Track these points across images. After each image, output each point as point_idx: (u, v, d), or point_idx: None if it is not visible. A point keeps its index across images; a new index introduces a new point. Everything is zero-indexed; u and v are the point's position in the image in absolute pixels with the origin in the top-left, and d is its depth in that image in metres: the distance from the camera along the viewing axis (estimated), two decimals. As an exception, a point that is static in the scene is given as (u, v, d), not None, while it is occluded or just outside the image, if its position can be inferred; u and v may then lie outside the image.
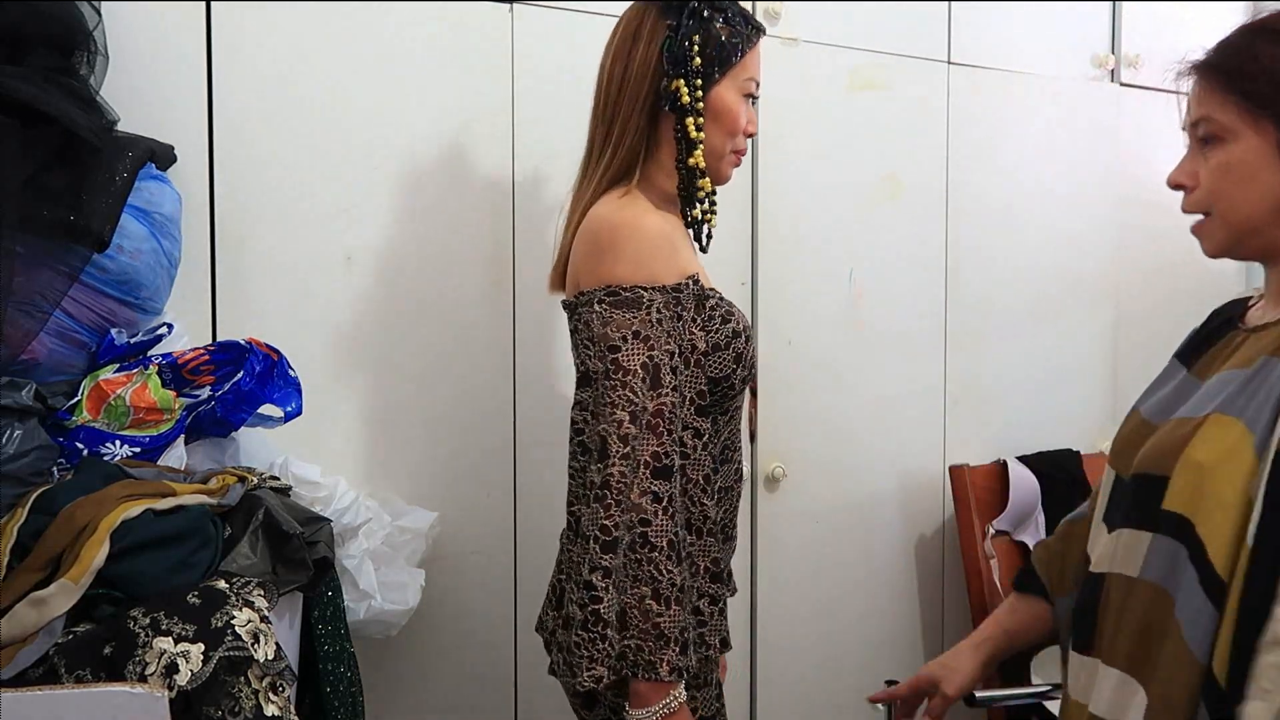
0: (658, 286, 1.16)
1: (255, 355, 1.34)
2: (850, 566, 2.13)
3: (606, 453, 1.12)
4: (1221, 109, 0.96)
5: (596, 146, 1.28)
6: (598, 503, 1.12)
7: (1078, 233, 2.35)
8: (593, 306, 1.17)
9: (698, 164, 1.24)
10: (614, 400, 1.13)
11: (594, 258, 1.19)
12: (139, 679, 0.97)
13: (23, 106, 1.18)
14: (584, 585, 1.12)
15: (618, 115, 1.24)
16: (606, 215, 1.20)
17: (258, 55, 1.55)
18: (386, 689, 1.68)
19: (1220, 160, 0.97)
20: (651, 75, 1.22)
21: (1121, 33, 2.40)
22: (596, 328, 1.16)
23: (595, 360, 1.16)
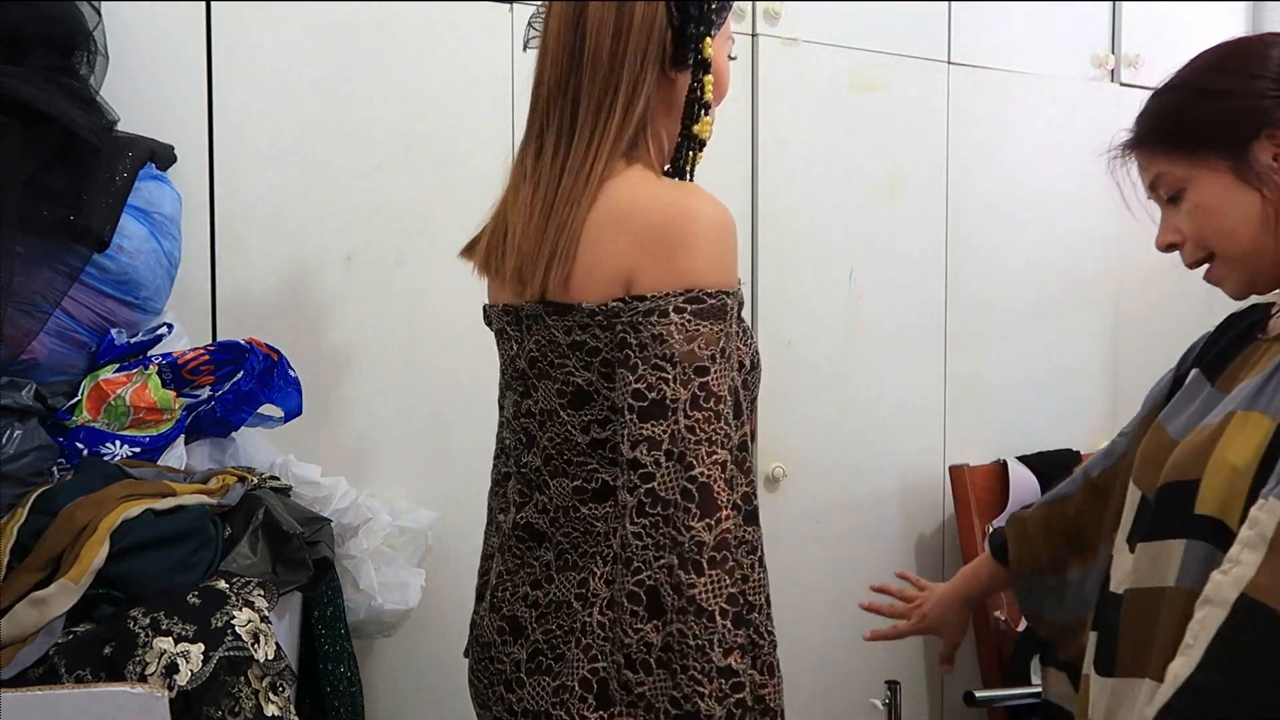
0: (734, 291, 0.95)
1: (255, 355, 1.34)
2: (850, 566, 2.12)
3: (714, 504, 0.90)
4: (1170, 165, 1.02)
5: (590, 110, 0.99)
6: (715, 568, 0.89)
7: (1078, 233, 2.35)
8: (668, 316, 0.91)
9: (702, 133, 1.04)
10: (711, 436, 0.90)
11: (663, 252, 0.93)
12: (139, 679, 0.97)
13: (23, 106, 1.18)
14: (718, 673, 0.88)
15: (623, 66, 0.98)
16: (670, 200, 0.95)
17: (258, 55, 1.55)
18: (386, 689, 1.68)
19: (1190, 205, 1.02)
20: (659, 25, 0.99)
21: (1121, 33, 2.40)
22: (678, 344, 0.91)
23: (677, 385, 0.91)
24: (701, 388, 0.91)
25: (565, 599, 1.00)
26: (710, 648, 0.89)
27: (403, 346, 1.67)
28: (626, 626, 0.93)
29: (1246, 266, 1.02)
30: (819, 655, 2.09)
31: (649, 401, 0.92)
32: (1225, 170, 0.98)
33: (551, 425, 1.02)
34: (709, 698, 0.89)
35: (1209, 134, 0.99)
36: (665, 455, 0.91)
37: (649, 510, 0.92)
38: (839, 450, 2.09)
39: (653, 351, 0.92)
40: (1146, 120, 1.05)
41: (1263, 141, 0.96)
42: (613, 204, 0.96)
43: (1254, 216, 0.98)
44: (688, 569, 0.89)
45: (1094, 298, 2.40)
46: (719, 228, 0.95)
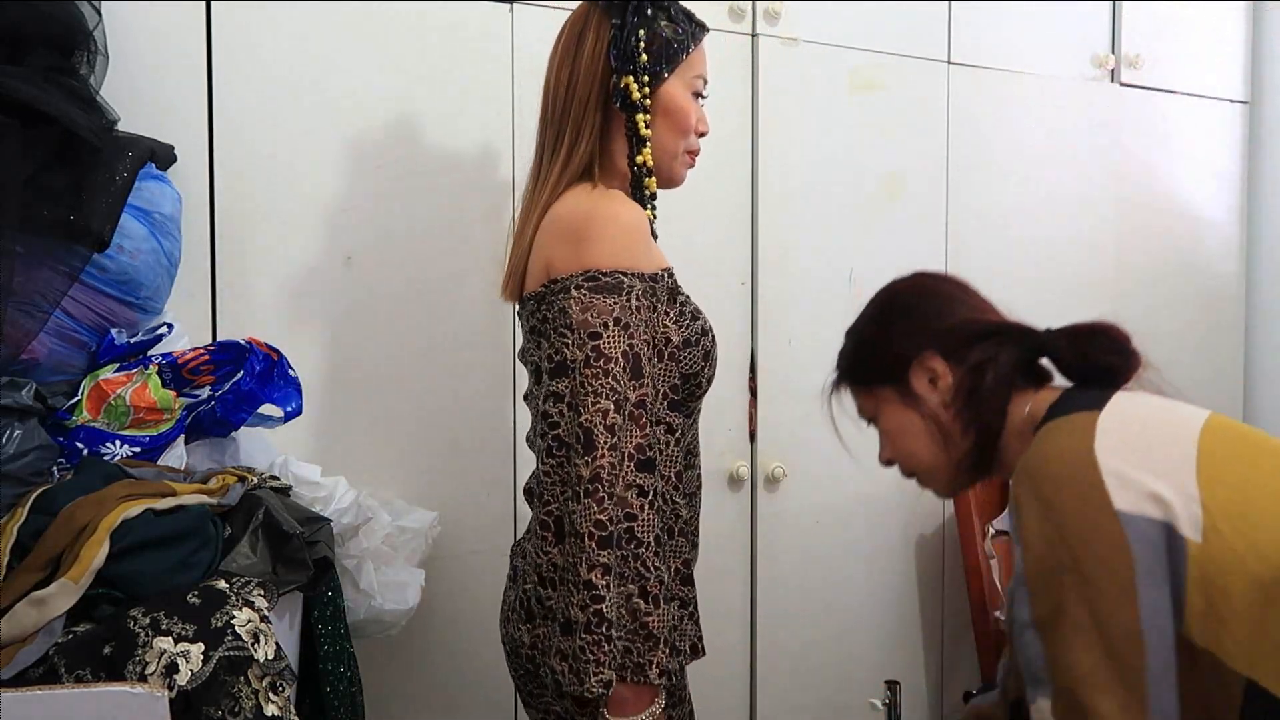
0: (637, 273, 1.14)
1: (255, 355, 1.34)
2: (850, 566, 2.13)
3: (593, 444, 1.08)
4: (861, 400, 1.21)
5: (548, 150, 1.24)
6: (589, 497, 1.07)
7: (1078, 233, 2.35)
8: (570, 292, 1.12)
9: (645, 161, 1.22)
10: (597, 389, 1.09)
11: (570, 244, 1.15)
12: (139, 679, 0.97)
13: (23, 106, 1.18)
14: (583, 585, 1.06)
15: (568, 117, 1.22)
16: (581, 205, 1.17)
17: (258, 55, 1.55)
18: (386, 689, 1.68)
19: (883, 431, 1.20)
20: (600, 74, 1.21)
21: (1121, 33, 2.40)
22: (576, 314, 1.11)
23: (574, 349, 1.11)
24: (594, 350, 1.10)
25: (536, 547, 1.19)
26: (579, 564, 1.07)
27: (402, 346, 1.67)
28: (539, 550, 1.16)
29: (935, 476, 1.18)
30: (819, 655, 2.09)
31: (554, 364, 1.14)
32: (894, 399, 1.15)
33: (531, 401, 1.25)
34: (575, 606, 1.07)
35: (877, 372, 1.17)
36: (567, 407, 1.12)
37: (555, 452, 1.14)
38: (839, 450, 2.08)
39: (560, 322, 1.14)
40: (840, 360, 1.23)
41: (916, 369, 1.13)
42: (548, 217, 1.20)
43: (922, 433, 1.14)
44: (572, 499, 1.09)
45: (1093, 298, 2.40)
46: (619, 222, 1.15)
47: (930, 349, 1.13)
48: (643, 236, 1.16)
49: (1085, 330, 1.10)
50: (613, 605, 1.07)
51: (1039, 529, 0.96)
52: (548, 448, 1.15)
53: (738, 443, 1.98)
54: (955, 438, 1.12)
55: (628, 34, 1.19)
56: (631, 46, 1.19)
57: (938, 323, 1.14)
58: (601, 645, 1.06)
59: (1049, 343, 1.12)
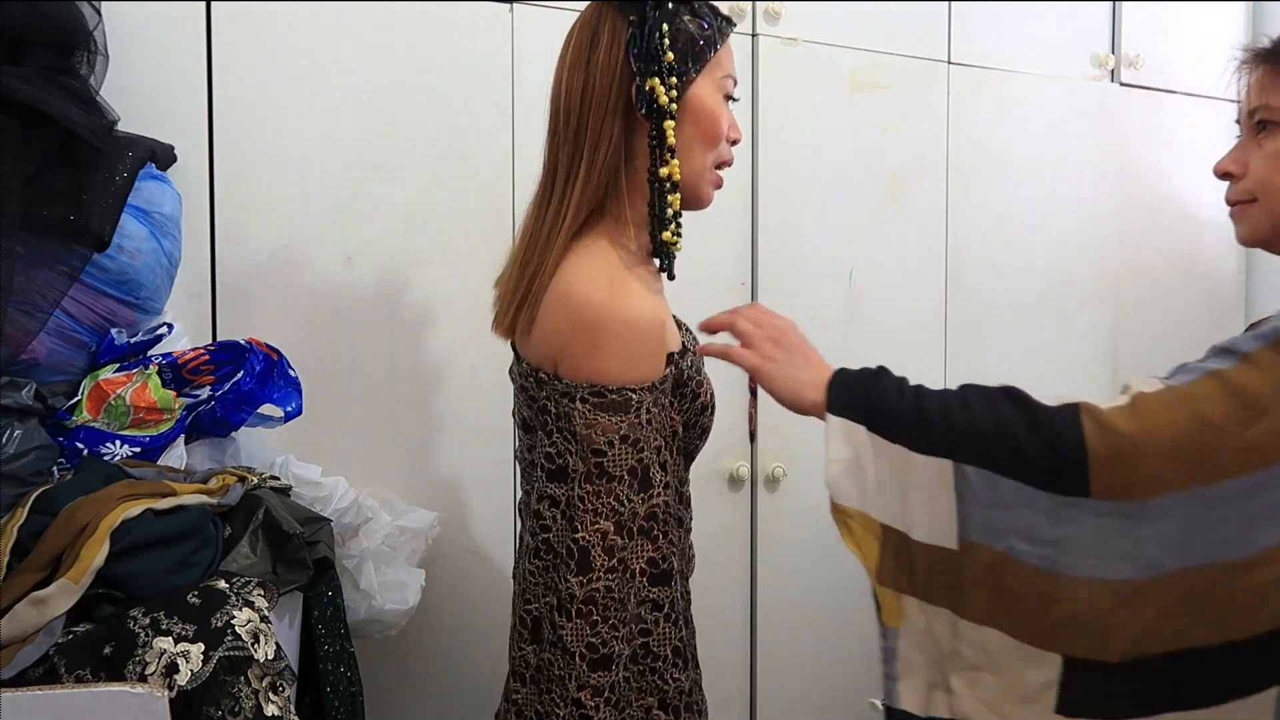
0: (647, 386, 1.05)
1: (255, 355, 1.34)
2: (850, 566, 2.11)
3: (589, 564, 1.02)
4: (1274, 95, 0.95)
5: (564, 168, 1.09)
6: (581, 618, 1.02)
7: (1078, 232, 2.35)
8: (574, 403, 1.04)
9: (671, 174, 1.07)
10: (597, 508, 1.02)
11: (580, 346, 1.04)
12: (139, 679, 0.97)
13: (23, 106, 1.18)
14: (571, 702, 1.03)
15: (585, 129, 1.07)
16: (594, 300, 1.03)
17: (258, 55, 1.55)
18: (386, 689, 1.68)
19: (1275, 148, 0.96)
20: (618, 79, 1.06)
21: (1121, 33, 2.40)
22: (579, 428, 1.04)
23: (576, 459, 1.04)
24: (596, 466, 1.03)
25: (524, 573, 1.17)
26: (568, 680, 1.03)
27: (403, 346, 1.67)
28: (515, 642, 1.14)
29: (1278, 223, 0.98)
30: (818, 655, 2.09)
31: (555, 466, 1.08)
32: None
33: (521, 453, 1.21)
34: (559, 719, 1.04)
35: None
36: (560, 514, 1.06)
37: (543, 555, 1.08)
38: (839, 450, 2.09)
39: (562, 425, 1.06)
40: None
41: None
42: (564, 283, 1.06)
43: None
44: (559, 614, 1.04)
45: (1094, 298, 2.40)
46: (633, 330, 1.04)
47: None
48: (656, 342, 1.06)
49: None
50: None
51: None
52: (536, 548, 1.09)
53: (738, 443, 1.98)
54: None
55: (649, 30, 1.05)
56: (655, 44, 1.05)
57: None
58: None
59: None
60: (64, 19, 1.28)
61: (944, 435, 0.96)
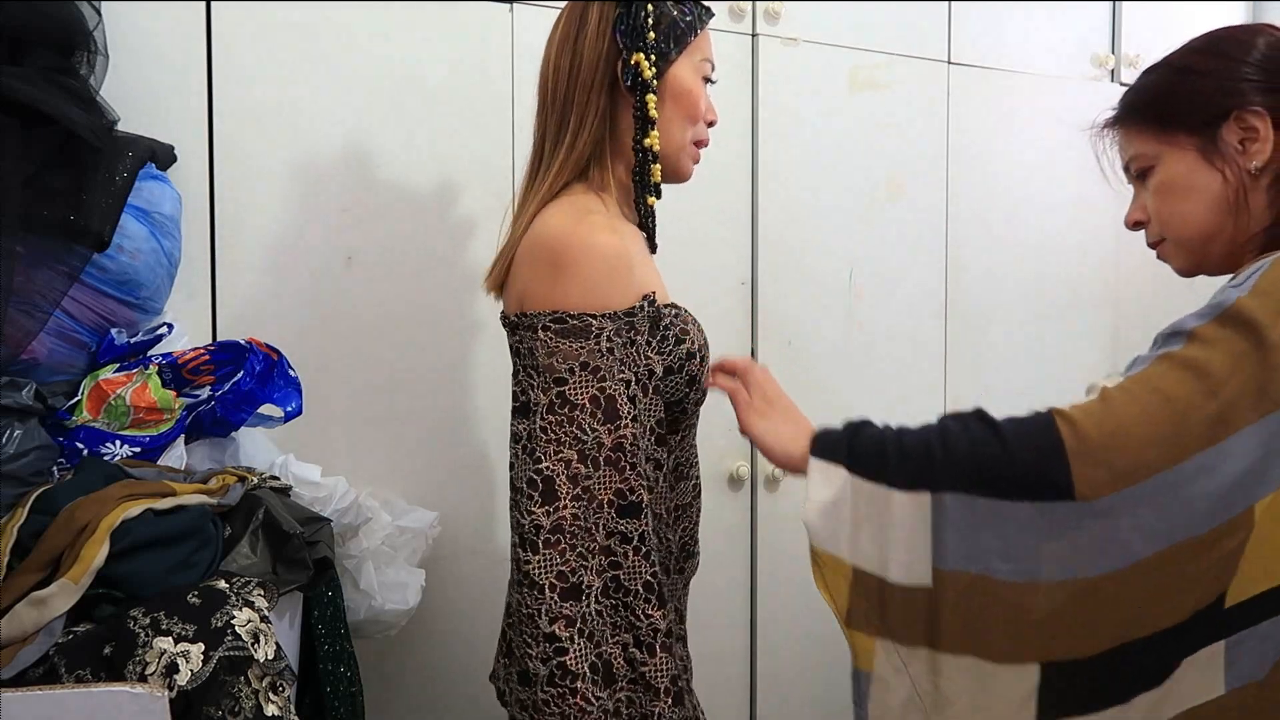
0: (609, 313, 1.06)
1: (255, 355, 1.34)
2: (850, 566, 2.12)
3: (554, 494, 1.03)
4: (1141, 143, 1.04)
5: (550, 139, 1.17)
6: (549, 548, 1.03)
7: (1078, 233, 2.35)
8: (536, 333, 1.06)
9: (653, 145, 1.15)
10: (559, 437, 1.04)
11: (540, 277, 1.08)
12: (139, 679, 0.97)
13: (23, 106, 1.18)
14: (545, 638, 1.02)
15: (571, 103, 1.15)
16: (558, 230, 1.09)
17: (258, 55, 1.55)
18: (386, 689, 1.68)
19: (1157, 184, 1.03)
20: (605, 55, 1.14)
21: (1121, 33, 2.40)
22: (541, 357, 1.06)
23: (538, 392, 1.06)
24: (558, 395, 1.05)
25: None
26: (538, 616, 1.03)
27: (403, 346, 1.67)
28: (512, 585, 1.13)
29: (1196, 249, 1.03)
30: (819, 655, 2.09)
31: (519, 403, 1.10)
32: (1192, 149, 1.00)
33: None
34: (535, 659, 1.03)
35: (1180, 112, 1.01)
36: (522, 449, 1.07)
37: (511, 493, 1.10)
38: (839, 450, 2.09)
39: (526, 361, 1.09)
40: (1128, 96, 1.08)
41: (1230, 124, 0.98)
42: (533, 229, 1.12)
43: (1213, 198, 0.99)
44: (525, 547, 1.04)
45: (1094, 298, 2.40)
46: (592, 256, 1.07)
47: (1259, 105, 0.96)
48: (620, 269, 1.08)
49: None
50: (580, 658, 1.03)
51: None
52: (510, 483, 1.11)
53: (738, 443, 1.98)
54: (1253, 213, 0.98)
55: (635, 9, 1.13)
56: (640, 22, 1.13)
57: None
58: (566, 699, 1.02)
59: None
60: (64, 19, 1.28)
61: (922, 467, 0.96)
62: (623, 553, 1.06)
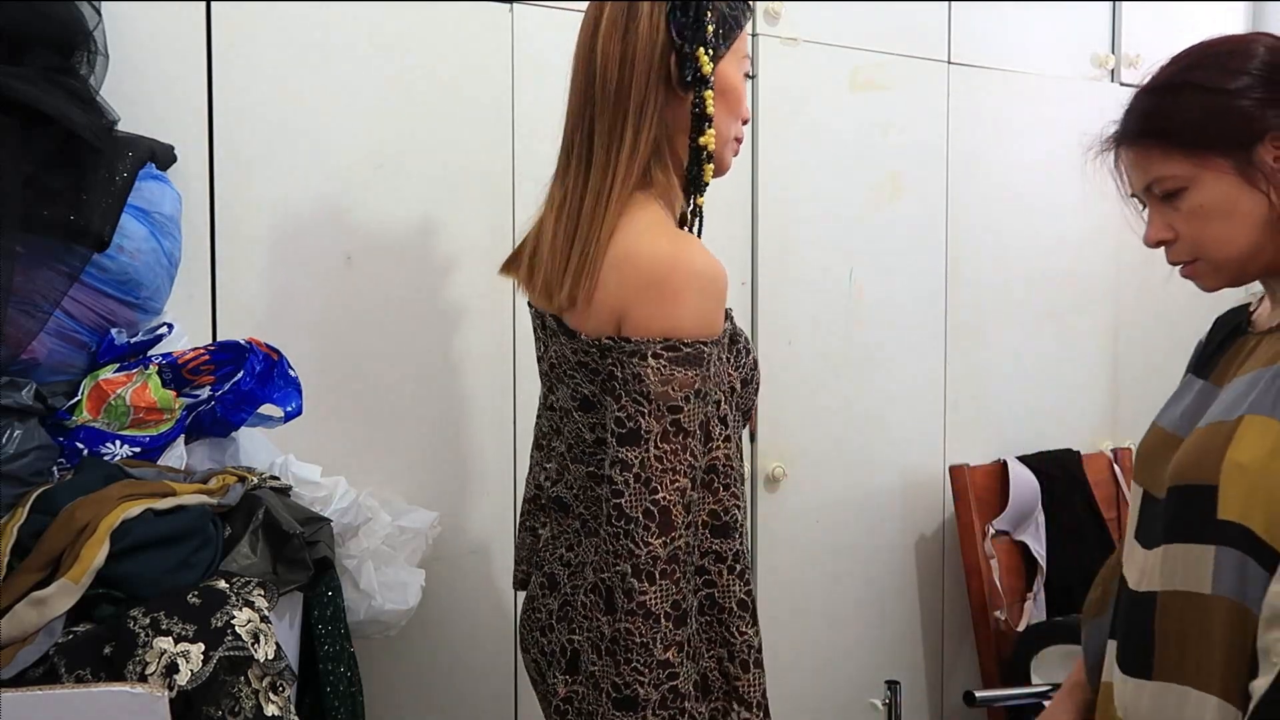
0: (715, 339, 1.06)
1: (255, 355, 1.34)
2: (850, 566, 2.13)
3: (671, 523, 1.02)
4: (1169, 165, 1.00)
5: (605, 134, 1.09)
6: (666, 579, 1.02)
7: (1078, 232, 2.35)
8: (647, 360, 1.02)
9: (708, 143, 1.11)
10: (675, 466, 1.02)
11: (651, 302, 1.04)
12: (139, 679, 0.97)
13: (23, 106, 1.18)
14: (658, 665, 1.02)
15: (628, 96, 1.08)
16: (661, 250, 1.05)
17: (258, 55, 1.55)
18: (386, 689, 1.68)
19: (1191, 206, 1.00)
20: (660, 48, 1.08)
21: (1121, 33, 2.40)
22: (653, 385, 1.02)
23: (650, 419, 1.02)
24: (673, 424, 1.03)
25: (586, 561, 1.15)
26: (653, 644, 1.02)
27: (403, 346, 1.67)
28: (590, 613, 1.10)
29: (1234, 269, 1.02)
30: (819, 655, 2.09)
31: (626, 430, 1.04)
32: (1229, 171, 0.98)
33: (568, 422, 1.16)
34: (647, 684, 1.02)
35: (1213, 134, 0.98)
36: (634, 478, 1.03)
37: (614, 522, 1.04)
38: (839, 450, 2.09)
39: (633, 388, 1.04)
40: (1140, 118, 1.04)
41: (1266, 144, 0.96)
42: (620, 246, 1.06)
43: (1258, 218, 0.98)
44: (640, 578, 1.02)
45: (1094, 297, 2.40)
46: (704, 281, 1.05)
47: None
48: (723, 293, 1.08)
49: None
50: (688, 678, 1.04)
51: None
52: (609, 515, 1.05)
53: (738, 443, 1.98)
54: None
55: (692, 3, 1.09)
56: (700, 16, 1.08)
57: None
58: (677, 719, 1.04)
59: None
60: (64, 19, 1.28)
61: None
62: (717, 571, 1.07)
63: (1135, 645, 1.01)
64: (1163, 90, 1.03)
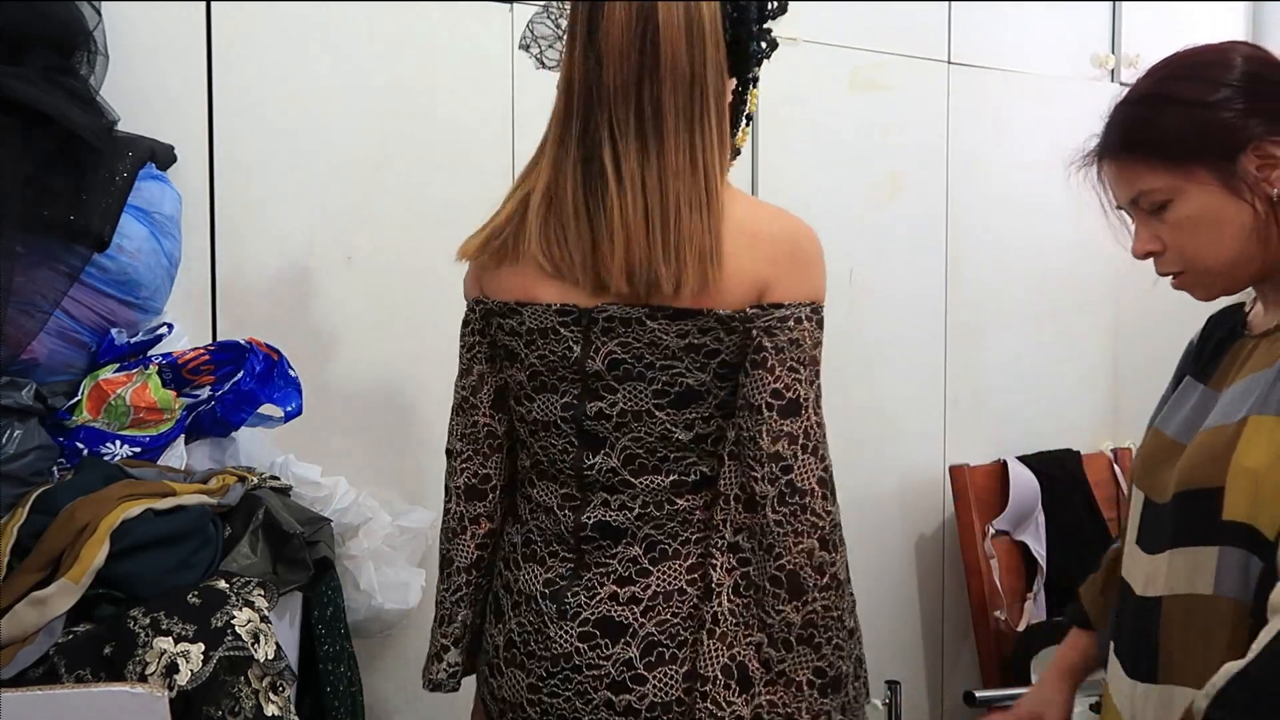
0: None
1: (255, 355, 1.34)
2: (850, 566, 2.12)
3: (834, 490, 1.03)
4: (1153, 179, 1.01)
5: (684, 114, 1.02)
6: (843, 545, 1.04)
7: (1078, 233, 2.34)
8: (802, 323, 1.03)
9: (740, 143, 1.13)
10: (823, 434, 1.04)
11: (799, 269, 1.06)
12: (139, 679, 0.97)
13: (23, 106, 1.18)
14: (848, 633, 1.04)
15: (705, 78, 1.02)
16: (794, 225, 1.09)
17: (258, 55, 1.55)
18: (386, 689, 1.68)
19: (1177, 218, 1.01)
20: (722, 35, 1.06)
21: (1121, 33, 2.40)
22: (809, 348, 1.03)
23: (806, 386, 1.03)
24: (818, 389, 1.04)
25: (675, 588, 1.05)
26: (846, 615, 1.03)
27: (403, 346, 1.67)
28: (769, 608, 1.01)
29: (1224, 279, 1.03)
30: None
31: (786, 401, 1.01)
32: (1213, 182, 0.98)
33: (639, 425, 1.05)
34: (847, 658, 1.03)
35: (1195, 145, 0.98)
36: (801, 449, 1.01)
37: (789, 500, 1.00)
38: (838, 450, 2.06)
39: (790, 355, 1.02)
40: (1122, 130, 1.05)
41: (1249, 154, 0.96)
42: (737, 221, 1.04)
43: (1245, 228, 0.98)
44: (829, 548, 1.01)
45: (1094, 298, 2.40)
46: (822, 251, 1.10)
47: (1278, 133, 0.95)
48: None
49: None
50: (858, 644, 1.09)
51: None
52: (780, 494, 1.00)
53: (738, 443, 1.98)
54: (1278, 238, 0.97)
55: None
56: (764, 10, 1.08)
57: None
58: (865, 688, 1.08)
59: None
60: (64, 19, 1.28)
61: None
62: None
63: (1141, 650, 1.01)
64: (1143, 103, 1.04)
